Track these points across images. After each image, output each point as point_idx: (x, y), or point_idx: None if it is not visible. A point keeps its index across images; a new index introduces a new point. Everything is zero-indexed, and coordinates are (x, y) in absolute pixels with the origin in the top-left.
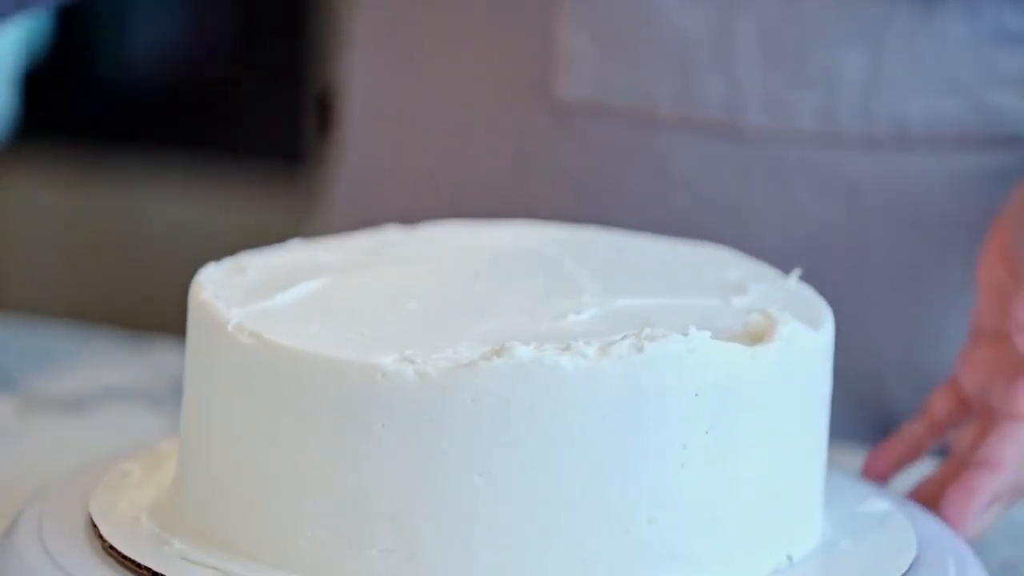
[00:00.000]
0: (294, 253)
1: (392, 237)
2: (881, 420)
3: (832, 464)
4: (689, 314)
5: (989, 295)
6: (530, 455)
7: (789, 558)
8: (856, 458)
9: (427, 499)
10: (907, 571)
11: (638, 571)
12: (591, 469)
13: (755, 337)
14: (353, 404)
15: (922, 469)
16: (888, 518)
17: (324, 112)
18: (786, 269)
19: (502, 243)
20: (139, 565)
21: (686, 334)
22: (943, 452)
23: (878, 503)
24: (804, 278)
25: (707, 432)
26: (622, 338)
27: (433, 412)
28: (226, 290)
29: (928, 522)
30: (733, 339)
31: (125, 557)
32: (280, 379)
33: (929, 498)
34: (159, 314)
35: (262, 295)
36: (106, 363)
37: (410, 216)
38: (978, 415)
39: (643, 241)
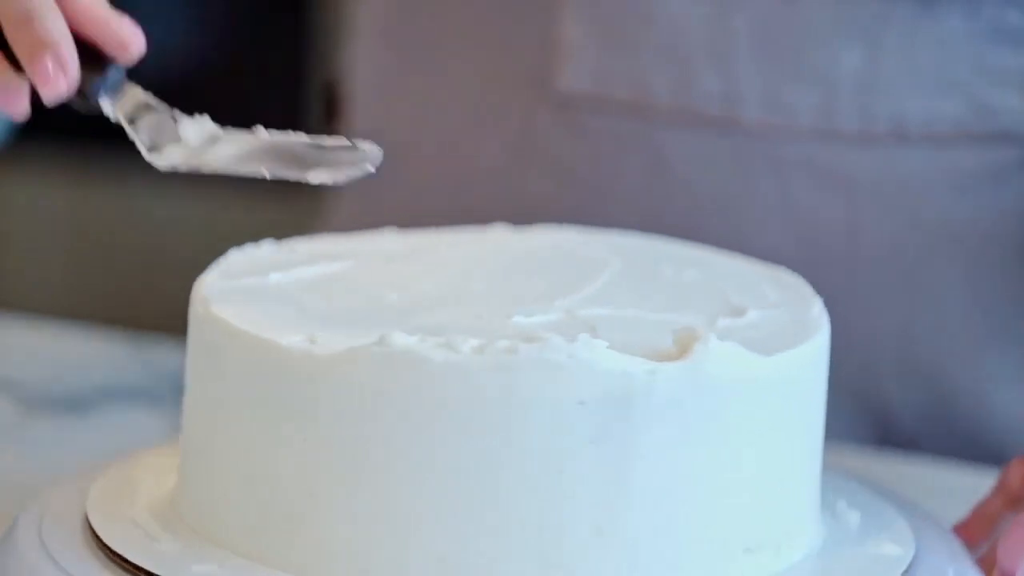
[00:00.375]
0: (353, 240)
1: (462, 236)
2: (878, 418)
3: (828, 465)
4: (645, 328)
5: None
6: (401, 443)
7: None
8: (852, 458)
9: (310, 474)
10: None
11: (507, 572)
12: (459, 464)
13: (682, 354)
14: (260, 379)
15: None
16: (887, 523)
17: (330, 105)
18: (782, 264)
19: (560, 248)
20: (137, 566)
21: (573, 341)
22: None
23: (878, 508)
24: (800, 273)
25: (592, 442)
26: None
27: (317, 392)
28: (234, 266)
29: (929, 525)
30: (653, 355)
31: (124, 558)
32: (220, 353)
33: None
34: (159, 314)
35: (260, 273)
36: (106, 363)
37: (411, 208)
38: None
39: (710, 255)
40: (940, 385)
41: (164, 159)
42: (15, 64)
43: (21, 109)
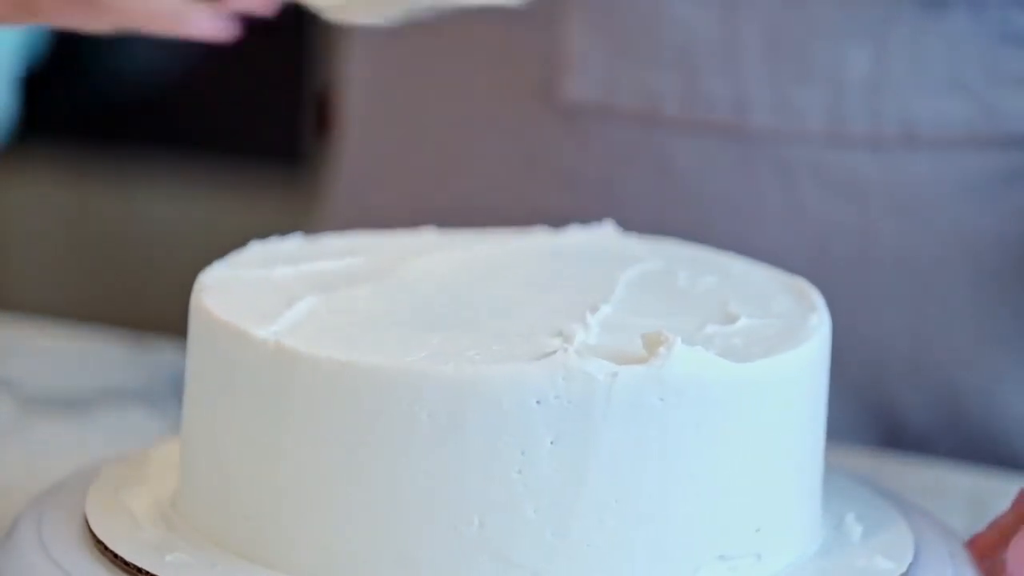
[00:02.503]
0: (378, 237)
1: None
2: (887, 420)
3: (832, 466)
4: (626, 332)
5: None
6: (360, 442)
7: None
8: (859, 460)
9: (310, 474)
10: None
11: (467, 571)
12: (418, 464)
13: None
14: (258, 378)
15: None
16: (887, 530)
17: (323, 112)
18: (792, 269)
19: (585, 250)
20: (137, 567)
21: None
22: None
23: (879, 513)
24: (810, 277)
25: (552, 443)
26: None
27: (282, 385)
28: (238, 261)
29: (928, 525)
30: (621, 358)
31: (123, 559)
32: (219, 350)
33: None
34: (159, 314)
35: (263, 268)
36: (106, 363)
37: (414, 216)
38: None
39: (736, 264)
40: (949, 388)
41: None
42: None
43: (213, 33)
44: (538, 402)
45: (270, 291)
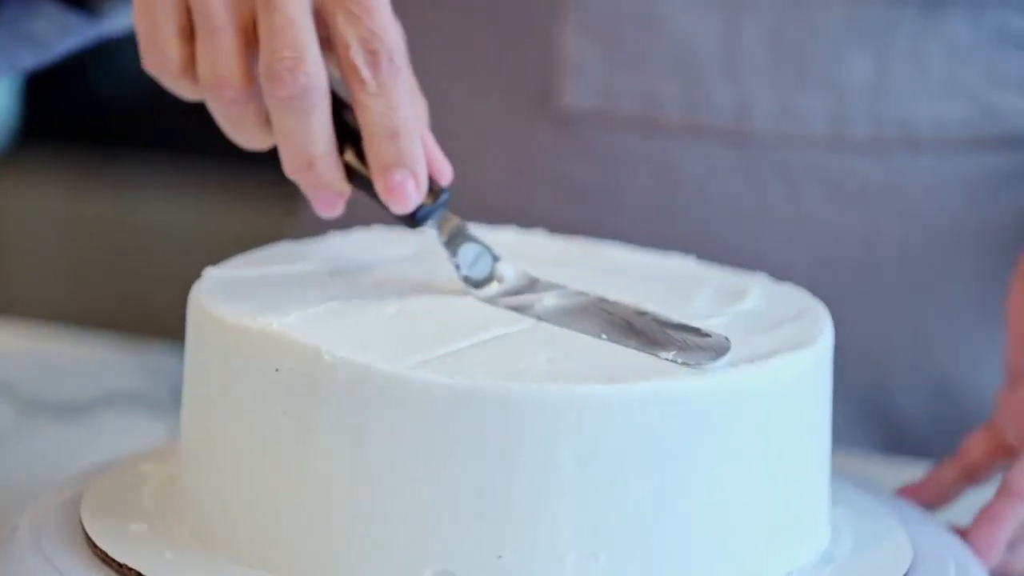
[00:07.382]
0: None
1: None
2: (888, 425)
3: (834, 469)
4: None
5: (1023, 332)
6: (389, 449)
7: None
8: (859, 464)
9: (308, 478)
10: None
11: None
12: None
13: None
14: (258, 380)
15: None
16: (884, 535)
17: None
18: (794, 274)
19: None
20: (135, 571)
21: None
22: None
23: (875, 512)
24: (812, 283)
25: (283, 413)
26: None
27: (282, 387)
28: (235, 266)
29: (928, 526)
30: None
31: (121, 563)
32: (217, 354)
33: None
34: (158, 319)
35: (259, 272)
36: (105, 368)
37: None
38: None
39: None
40: (952, 391)
41: (483, 293)
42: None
43: (335, 214)
44: (276, 370)
45: (268, 293)
